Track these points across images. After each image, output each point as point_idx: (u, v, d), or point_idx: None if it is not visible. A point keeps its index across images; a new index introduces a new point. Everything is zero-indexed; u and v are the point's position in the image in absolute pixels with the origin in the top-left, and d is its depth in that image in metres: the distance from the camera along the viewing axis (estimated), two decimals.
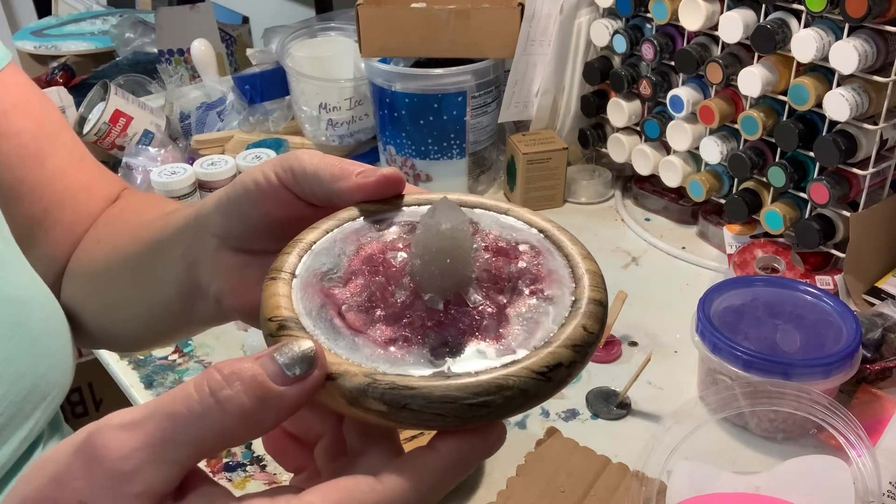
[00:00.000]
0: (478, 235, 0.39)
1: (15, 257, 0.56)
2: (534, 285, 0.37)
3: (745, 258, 1.01)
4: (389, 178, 0.40)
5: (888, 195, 0.99)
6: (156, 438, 0.30)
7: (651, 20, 1.08)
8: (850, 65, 0.87)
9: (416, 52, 1.22)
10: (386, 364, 0.33)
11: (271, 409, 0.30)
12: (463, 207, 0.40)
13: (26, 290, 0.55)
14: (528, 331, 0.35)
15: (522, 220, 0.41)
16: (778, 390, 0.71)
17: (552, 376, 0.32)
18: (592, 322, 0.35)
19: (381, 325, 0.34)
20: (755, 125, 0.98)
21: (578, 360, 0.34)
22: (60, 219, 0.62)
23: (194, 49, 1.40)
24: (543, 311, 0.35)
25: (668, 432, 0.70)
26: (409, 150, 1.22)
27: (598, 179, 1.23)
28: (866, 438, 0.66)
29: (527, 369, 0.32)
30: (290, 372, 0.31)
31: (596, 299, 0.36)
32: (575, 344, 0.33)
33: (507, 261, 0.37)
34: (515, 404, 0.32)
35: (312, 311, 0.35)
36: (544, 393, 0.33)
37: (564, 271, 0.38)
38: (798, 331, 0.81)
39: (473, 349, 0.34)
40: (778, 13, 0.95)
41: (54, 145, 0.62)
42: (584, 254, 0.39)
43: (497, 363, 0.33)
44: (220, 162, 1.17)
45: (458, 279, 0.35)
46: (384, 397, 0.31)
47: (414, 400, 0.31)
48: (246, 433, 0.31)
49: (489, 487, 0.76)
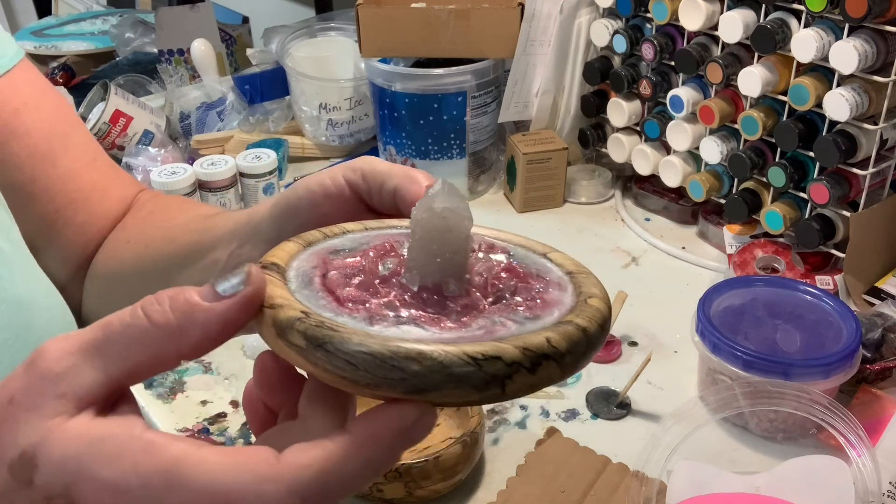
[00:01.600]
0: (501, 255, 0.38)
1: (21, 259, 0.56)
2: (526, 304, 0.35)
3: (745, 258, 1.01)
4: None
5: (888, 195, 0.99)
6: (87, 346, 0.31)
7: (651, 20, 1.09)
8: (850, 65, 0.87)
9: (416, 52, 1.22)
10: (330, 314, 0.33)
11: (197, 322, 0.31)
12: (504, 242, 0.40)
13: (32, 292, 0.54)
14: (489, 330, 0.33)
15: (556, 262, 0.39)
16: (778, 390, 0.71)
17: (485, 366, 0.30)
18: (561, 339, 0.32)
19: (351, 289, 0.35)
20: (755, 125, 0.98)
21: (525, 366, 0.31)
22: (73, 219, 0.62)
23: (194, 49, 1.40)
24: (519, 321, 0.34)
25: (668, 432, 0.70)
26: (409, 150, 1.22)
27: (598, 179, 1.23)
28: (866, 438, 0.66)
29: (458, 349, 0.30)
30: (220, 289, 0.32)
31: (582, 326, 0.33)
32: (527, 347, 0.31)
33: (511, 277, 0.37)
34: (434, 380, 0.30)
35: (302, 268, 0.36)
36: (473, 381, 0.30)
37: (568, 302, 0.36)
38: (798, 331, 0.81)
39: (422, 327, 0.33)
40: (778, 13, 0.95)
41: (67, 145, 0.62)
42: (602, 296, 0.36)
43: (435, 338, 0.32)
44: (220, 162, 1.17)
45: (444, 266, 0.34)
46: (307, 332, 0.31)
47: (332, 342, 0.31)
48: (172, 345, 0.31)
49: (489, 487, 0.76)
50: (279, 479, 0.30)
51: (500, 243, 0.40)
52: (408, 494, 0.72)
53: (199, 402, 0.88)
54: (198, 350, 0.32)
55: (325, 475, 0.30)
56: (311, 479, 0.30)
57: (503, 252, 0.39)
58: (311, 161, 1.34)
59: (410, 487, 0.72)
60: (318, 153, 1.34)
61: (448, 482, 0.73)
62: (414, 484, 0.72)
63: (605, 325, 0.35)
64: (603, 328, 0.34)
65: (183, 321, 0.31)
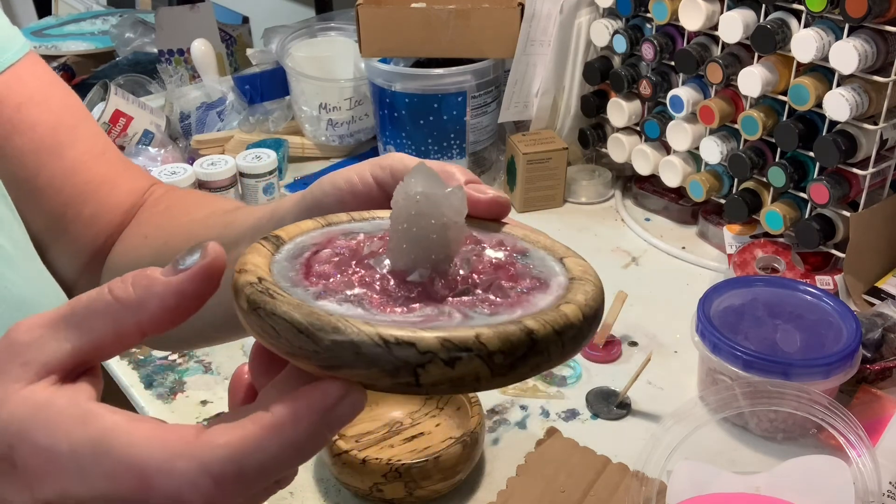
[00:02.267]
0: (501, 252, 0.37)
1: (24, 257, 0.56)
2: (495, 301, 0.33)
3: (745, 258, 1.01)
4: (501, 203, 0.40)
5: (888, 195, 0.99)
6: (55, 319, 0.33)
7: (651, 20, 1.08)
8: (850, 65, 0.87)
9: (416, 52, 1.22)
10: (287, 284, 0.33)
11: (155, 294, 0.32)
12: (526, 241, 0.39)
13: (35, 292, 0.54)
14: (430, 318, 0.32)
15: (567, 267, 0.37)
16: (778, 390, 0.71)
17: (395, 350, 0.29)
18: (493, 336, 0.30)
19: (327, 266, 0.35)
20: (755, 125, 0.98)
21: (441, 357, 0.30)
22: (81, 212, 0.61)
23: (194, 49, 1.40)
24: (471, 315, 0.32)
25: (668, 432, 0.70)
26: (409, 150, 1.22)
27: (598, 179, 1.23)
28: (866, 438, 0.66)
29: (374, 329, 0.30)
30: (180, 265, 0.33)
31: (529, 328, 0.31)
32: (447, 338, 0.30)
33: (495, 274, 0.35)
34: (345, 357, 0.30)
35: (303, 243, 0.37)
36: (382, 364, 0.29)
37: (542, 305, 0.34)
38: (798, 331, 0.81)
39: (364, 306, 0.32)
40: (778, 13, 0.95)
41: (74, 137, 0.61)
42: (581, 303, 0.33)
43: (365, 317, 0.31)
44: (220, 162, 1.17)
45: (416, 251, 0.34)
46: (250, 296, 0.32)
47: (264, 306, 0.31)
48: (132, 318, 0.33)
49: (489, 487, 0.76)
50: (192, 457, 0.30)
51: (520, 242, 0.39)
52: (408, 494, 0.72)
53: (199, 402, 0.88)
54: (157, 322, 0.33)
55: (241, 455, 0.30)
56: (225, 459, 0.30)
57: (511, 249, 0.38)
58: (311, 161, 1.34)
59: (410, 487, 0.72)
60: (318, 153, 1.34)
61: (448, 482, 0.73)
62: (414, 484, 0.72)
63: (568, 333, 0.32)
64: (561, 335, 0.32)
65: (142, 294, 0.32)
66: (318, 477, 0.78)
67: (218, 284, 0.33)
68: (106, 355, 0.34)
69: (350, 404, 0.30)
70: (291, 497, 0.76)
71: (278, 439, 0.30)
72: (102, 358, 0.34)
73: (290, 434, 0.30)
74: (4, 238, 0.55)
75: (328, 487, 0.77)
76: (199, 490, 0.30)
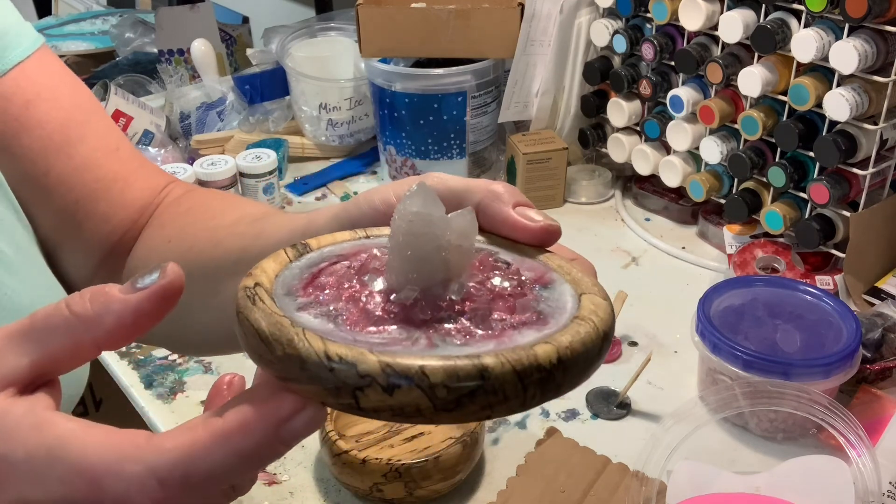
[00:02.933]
0: (507, 281, 0.35)
1: (27, 264, 0.55)
2: (472, 332, 0.32)
3: (745, 258, 1.01)
4: (551, 232, 0.39)
5: (888, 195, 0.99)
6: (14, 333, 0.34)
7: (651, 20, 1.09)
8: (850, 65, 0.87)
9: (415, 52, 1.22)
10: (282, 292, 0.34)
11: (112, 311, 0.33)
12: (552, 271, 0.37)
13: (37, 300, 0.53)
14: (393, 341, 0.31)
15: (581, 304, 0.35)
16: (778, 390, 0.71)
17: (337, 370, 0.29)
18: (439, 370, 0.29)
19: (329, 278, 0.35)
20: (755, 125, 0.98)
21: (380, 382, 0.29)
22: (94, 210, 0.60)
23: (194, 49, 1.40)
24: (436, 343, 0.32)
25: (668, 432, 0.70)
26: (409, 150, 1.22)
27: (598, 179, 1.23)
28: (866, 438, 0.66)
29: (323, 345, 0.30)
30: (138, 284, 0.33)
31: (483, 365, 0.29)
32: (389, 364, 0.29)
33: (489, 304, 0.34)
34: (292, 370, 0.30)
35: (329, 252, 0.37)
36: (324, 382, 0.29)
37: (520, 341, 0.32)
38: (798, 331, 0.81)
39: (335, 322, 0.32)
40: (778, 13, 0.95)
41: (84, 134, 0.60)
42: (557, 347, 0.31)
43: (326, 331, 0.31)
44: (220, 162, 1.17)
45: (406, 271, 0.33)
46: (237, 300, 0.33)
47: (243, 311, 0.32)
48: (88, 333, 0.33)
49: (489, 487, 0.76)
50: (140, 460, 0.30)
51: (550, 273, 0.37)
52: (408, 494, 0.72)
53: (198, 402, 0.88)
54: (113, 338, 0.33)
55: (188, 460, 0.30)
56: (172, 463, 0.30)
57: (534, 280, 0.36)
58: (311, 161, 1.34)
59: (410, 487, 0.72)
60: (318, 153, 1.34)
61: (448, 482, 0.73)
62: (414, 484, 0.72)
63: (532, 375, 0.30)
64: (523, 376, 0.30)
65: (99, 310, 0.33)
66: (318, 477, 0.78)
67: (175, 304, 0.34)
68: (63, 369, 0.35)
69: (304, 420, 0.30)
70: (291, 497, 0.76)
71: (226, 447, 0.30)
72: (60, 371, 0.35)
73: (239, 443, 0.30)
74: (5, 242, 0.54)
75: (328, 487, 0.77)
76: (145, 492, 0.30)
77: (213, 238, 0.55)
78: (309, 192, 1.27)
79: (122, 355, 0.95)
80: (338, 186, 1.28)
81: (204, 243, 0.55)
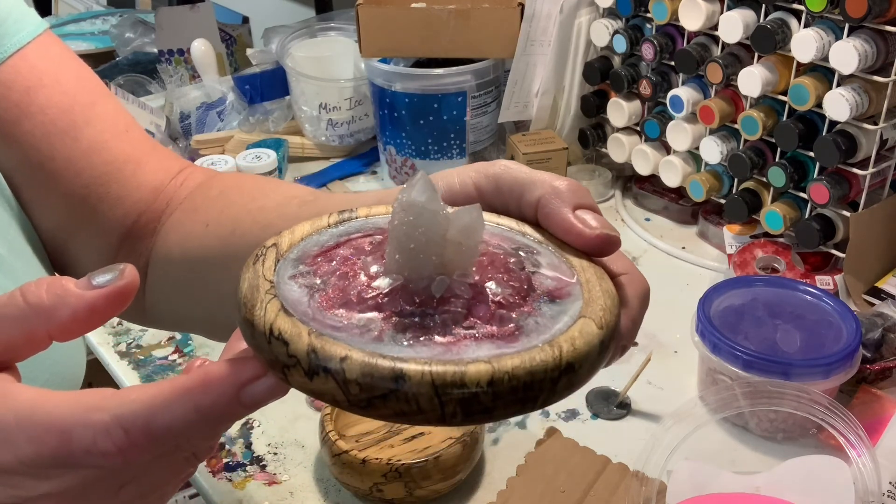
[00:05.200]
0: (513, 289, 0.34)
1: (18, 260, 0.55)
2: (440, 331, 0.32)
3: (745, 258, 1.01)
4: (609, 242, 0.38)
5: (888, 195, 0.99)
6: None
7: (651, 20, 1.08)
8: (850, 65, 0.87)
9: (416, 52, 1.22)
10: (292, 259, 0.35)
11: (67, 305, 0.34)
12: (577, 286, 0.36)
13: None
14: (349, 327, 0.31)
15: (568, 329, 0.33)
16: (778, 390, 0.71)
17: (273, 345, 0.30)
18: (356, 367, 0.29)
19: (344, 251, 0.36)
20: (755, 125, 0.98)
21: (302, 365, 0.29)
22: (106, 194, 0.59)
23: (194, 49, 1.40)
24: (383, 340, 0.31)
25: (668, 432, 0.70)
26: (409, 150, 1.22)
27: (598, 179, 1.23)
28: (866, 438, 0.66)
29: (272, 317, 0.30)
30: (95, 281, 0.34)
31: (399, 371, 0.29)
32: (315, 349, 0.29)
33: (456, 311, 0.32)
34: (248, 339, 0.31)
35: (357, 226, 0.38)
36: (263, 354, 0.30)
37: (480, 354, 0.31)
38: (798, 331, 0.81)
39: (314, 297, 0.33)
40: (778, 13, 0.95)
41: (90, 117, 0.59)
42: (521, 365, 0.30)
43: (292, 305, 0.32)
44: (220, 162, 1.17)
45: (400, 260, 0.33)
46: (240, 277, 0.34)
47: (241, 272, 0.34)
48: (42, 324, 0.34)
49: (489, 487, 0.76)
50: (106, 409, 0.32)
51: (571, 286, 0.36)
52: (408, 494, 0.72)
53: None
54: (66, 331, 0.35)
55: (150, 410, 0.32)
56: (135, 413, 0.32)
57: (552, 291, 0.35)
58: (311, 161, 1.34)
59: (410, 487, 0.72)
60: (318, 153, 1.34)
61: (448, 482, 0.73)
62: (414, 484, 0.72)
63: (451, 393, 0.29)
64: (440, 392, 0.29)
65: (55, 303, 0.34)
66: (318, 477, 0.78)
67: (127, 304, 0.35)
68: (19, 357, 0.36)
69: (265, 387, 0.32)
70: (291, 497, 0.77)
71: (187, 401, 0.32)
72: (16, 359, 0.36)
73: (199, 399, 0.32)
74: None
75: (328, 487, 0.77)
76: (112, 439, 0.32)
77: (260, 220, 0.53)
78: None
79: (122, 355, 0.95)
80: (338, 186, 1.28)
81: (249, 225, 0.53)
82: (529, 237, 0.39)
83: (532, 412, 0.32)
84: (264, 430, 0.84)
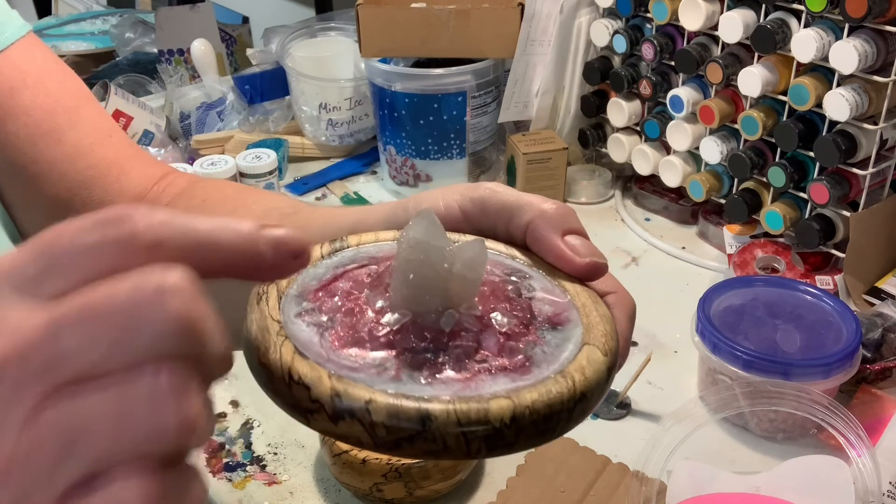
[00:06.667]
0: (517, 318, 0.34)
1: None
2: (448, 370, 0.32)
3: (745, 258, 1.01)
4: (596, 269, 0.38)
5: (888, 195, 0.99)
6: None
7: (651, 20, 1.09)
8: (850, 65, 0.87)
9: (416, 52, 1.22)
10: (294, 292, 0.35)
11: None
12: (581, 317, 0.36)
13: None
14: (357, 367, 0.31)
15: (576, 358, 0.34)
16: (778, 390, 0.71)
17: (294, 389, 0.30)
18: (381, 408, 0.29)
19: (346, 283, 0.35)
20: (755, 125, 0.98)
21: (327, 411, 0.29)
22: (89, 198, 0.59)
23: (194, 49, 1.40)
24: (401, 380, 0.31)
25: (668, 432, 0.70)
26: (409, 150, 1.22)
27: (598, 179, 1.23)
28: (866, 438, 0.66)
29: (289, 362, 0.30)
30: None
31: (414, 410, 0.29)
32: (338, 393, 0.29)
33: (467, 345, 0.33)
34: (261, 379, 0.31)
35: (366, 251, 0.38)
36: (283, 399, 0.30)
37: (464, 392, 0.31)
38: (798, 331, 0.81)
39: (323, 336, 0.32)
40: (778, 13, 0.95)
41: (73, 121, 0.59)
42: (507, 408, 0.30)
43: (304, 346, 0.32)
44: (220, 162, 1.17)
45: (404, 296, 0.33)
46: (252, 297, 0.34)
47: (247, 311, 0.33)
48: None
49: (489, 487, 0.76)
50: None
51: (569, 311, 0.36)
52: (408, 494, 0.72)
53: None
54: None
55: None
56: None
57: (549, 318, 0.35)
58: (311, 161, 1.34)
59: (410, 487, 0.72)
60: (318, 153, 1.34)
61: (448, 482, 0.73)
62: (414, 484, 0.72)
63: (476, 430, 0.29)
64: (466, 430, 0.29)
65: None
66: (318, 477, 0.78)
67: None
68: None
69: None
70: (291, 497, 0.76)
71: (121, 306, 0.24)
72: None
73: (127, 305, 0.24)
74: None
75: (328, 487, 0.77)
76: None
77: None
78: (309, 192, 1.27)
79: None
80: (338, 186, 1.28)
81: None
82: (519, 261, 0.39)
83: (551, 441, 0.32)
84: (264, 430, 0.84)
